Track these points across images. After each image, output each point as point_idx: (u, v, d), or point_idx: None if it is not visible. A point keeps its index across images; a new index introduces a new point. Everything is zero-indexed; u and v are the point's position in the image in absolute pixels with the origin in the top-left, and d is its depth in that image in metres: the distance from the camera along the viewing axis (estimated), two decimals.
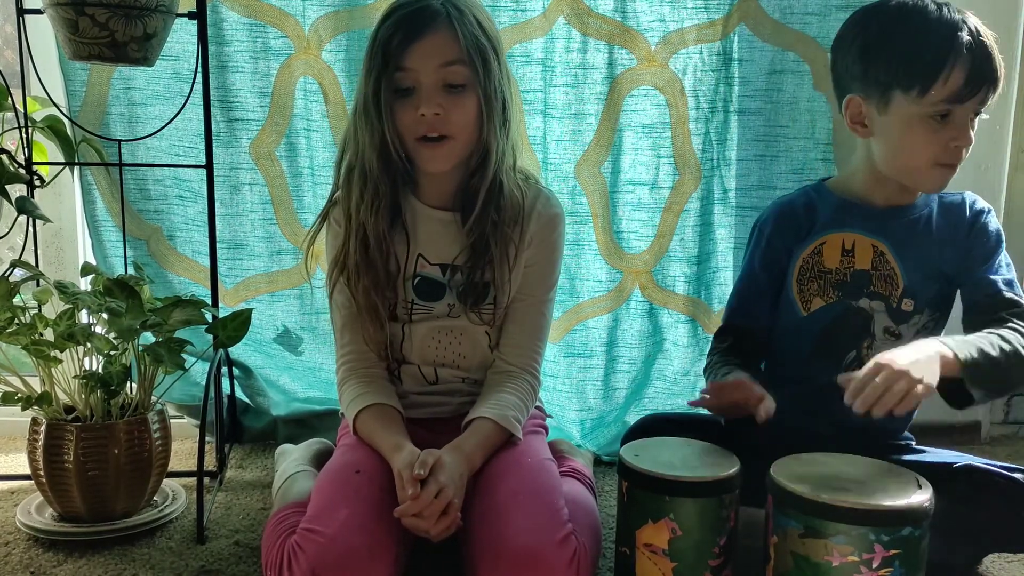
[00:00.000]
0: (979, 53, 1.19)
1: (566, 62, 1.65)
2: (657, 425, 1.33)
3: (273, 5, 1.64)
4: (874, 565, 0.99)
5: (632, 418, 1.72)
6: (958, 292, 1.32)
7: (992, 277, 1.27)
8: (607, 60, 1.66)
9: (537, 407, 1.40)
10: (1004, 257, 1.30)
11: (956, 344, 1.15)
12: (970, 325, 1.27)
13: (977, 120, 1.23)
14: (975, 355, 1.14)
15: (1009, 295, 1.26)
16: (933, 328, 1.31)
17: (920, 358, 1.11)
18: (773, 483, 1.05)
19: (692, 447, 1.18)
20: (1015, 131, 1.78)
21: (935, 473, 1.10)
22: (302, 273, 1.73)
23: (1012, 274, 1.29)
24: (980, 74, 1.19)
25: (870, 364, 1.10)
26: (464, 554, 1.13)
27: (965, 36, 1.19)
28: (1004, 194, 1.80)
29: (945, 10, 1.22)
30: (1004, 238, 1.31)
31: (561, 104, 1.67)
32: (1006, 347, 1.17)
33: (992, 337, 1.18)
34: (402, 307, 1.30)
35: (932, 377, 1.09)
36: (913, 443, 1.34)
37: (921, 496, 1.01)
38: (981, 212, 1.31)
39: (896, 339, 1.29)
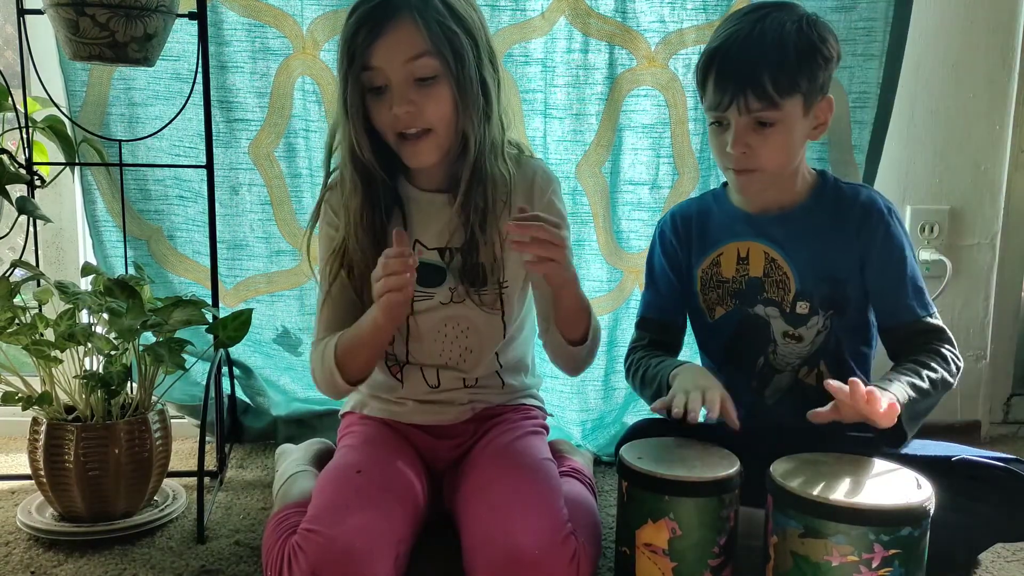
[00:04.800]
0: (726, 66, 1.21)
1: (567, 62, 1.65)
2: (654, 427, 1.33)
3: (272, 5, 1.64)
4: (874, 565, 0.99)
5: (631, 418, 1.72)
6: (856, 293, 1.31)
7: (908, 303, 1.27)
8: (607, 60, 1.66)
9: (537, 407, 1.40)
10: (911, 263, 1.28)
11: (891, 386, 1.16)
12: (891, 349, 1.29)
13: (782, 128, 1.21)
14: (912, 394, 1.16)
15: (928, 321, 1.27)
16: (832, 328, 1.31)
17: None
18: (773, 483, 1.06)
19: (692, 447, 1.18)
20: (1015, 131, 1.78)
21: (933, 467, 1.11)
22: (302, 273, 1.73)
23: (922, 283, 1.29)
24: (726, 85, 1.21)
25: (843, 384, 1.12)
26: (463, 554, 1.13)
27: (721, 41, 1.23)
28: (1004, 194, 1.80)
29: (750, 14, 1.24)
30: (907, 238, 1.29)
31: (562, 104, 1.67)
32: (934, 376, 1.20)
33: (920, 370, 1.20)
34: None
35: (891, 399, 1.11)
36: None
37: (921, 496, 1.01)
38: (880, 215, 1.28)
39: (797, 342, 1.31)
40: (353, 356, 1.22)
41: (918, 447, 1.26)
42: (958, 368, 1.24)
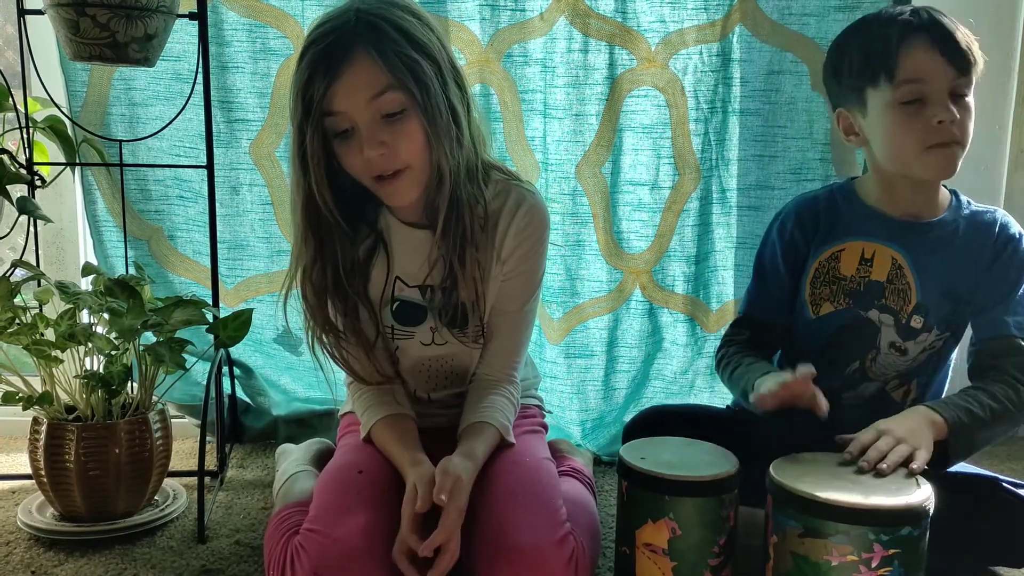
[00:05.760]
0: (936, 32, 1.19)
1: (567, 62, 1.66)
2: (658, 417, 1.32)
3: (272, 5, 1.64)
4: (873, 565, 0.99)
5: (630, 418, 1.71)
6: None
7: (1006, 319, 1.25)
8: (607, 60, 1.66)
9: (537, 406, 1.40)
10: (1022, 290, 1.26)
11: (944, 408, 1.16)
12: (972, 361, 1.27)
13: (970, 103, 1.21)
14: (963, 417, 1.15)
15: (1019, 343, 1.24)
16: (941, 348, 1.29)
17: (915, 427, 1.13)
18: (773, 483, 1.05)
19: (692, 447, 1.18)
20: (1015, 131, 1.78)
21: (940, 483, 1.10)
22: None
23: None
24: (941, 48, 1.19)
25: (869, 429, 1.12)
26: (463, 553, 1.13)
27: (911, 18, 1.21)
28: (1004, 194, 1.80)
29: (900, 7, 1.24)
30: None
31: (562, 105, 1.67)
32: (994, 405, 1.18)
33: (980, 395, 1.19)
34: (382, 333, 1.26)
35: (928, 444, 1.11)
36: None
37: (920, 495, 1.01)
38: (1011, 239, 1.27)
39: (901, 355, 1.28)
40: (379, 447, 1.21)
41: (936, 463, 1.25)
42: None
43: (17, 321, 1.32)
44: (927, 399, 1.30)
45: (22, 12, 1.46)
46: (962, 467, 1.24)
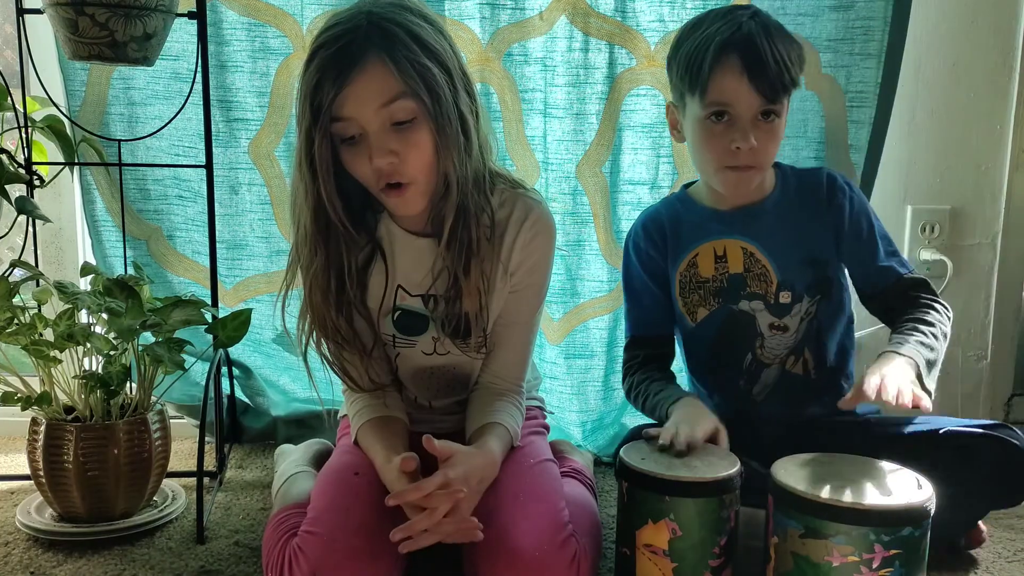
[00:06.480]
0: (748, 55, 1.21)
1: (567, 62, 1.65)
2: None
3: (271, 4, 1.64)
4: (874, 565, 0.99)
5: (629, 419, 1.72)
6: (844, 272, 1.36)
7: (887, 264, 1.32)
8: (607, 60, 1.65)
9: (538, 406, 1.40)
10: (879, 227, 1.33)
11: (904, 347, 1.19)
12: (883, 312, 1.33)
13: (776, 125, 1.25)
14: (928, 355, 1.19)
15: (912, 277, 1.31)
16: (817, 313, 1.33)
17: (904, 369, 1.15)
18: (773, 483, 1.05)
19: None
20: (1015, 131, 1.78)
21: (921, 443, 1.12)
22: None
23: (893, 243, 1.34)
24: (749, 75, 1.21)
25: (872, 374, 1.13)
26: (464, 555, 1.13)
27: (732, 32, 1.23)
28: (1004, 194, 1.80)
29: (733, 14, 1.25)
30: (870, 206, 1.35)
31: (563, 104, 1.67)
32: (935, 330, 1.24)
33: (924, 328, 1.24)
34: (380, 342, 1.25)
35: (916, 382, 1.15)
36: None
37: (921, 496, 1.01)
38: (840, 190, 1.33)
39: (783, 332, 1.33)
40: (364, 450, 1.20)
41: (904, 424, 1.27)
42: (949, 317, 1.29)
43: (16, 321, 1.32)
44: (829, 361, 1.35)
45: (21, 11, 1.45)
46: (935, 422, 1.26)
